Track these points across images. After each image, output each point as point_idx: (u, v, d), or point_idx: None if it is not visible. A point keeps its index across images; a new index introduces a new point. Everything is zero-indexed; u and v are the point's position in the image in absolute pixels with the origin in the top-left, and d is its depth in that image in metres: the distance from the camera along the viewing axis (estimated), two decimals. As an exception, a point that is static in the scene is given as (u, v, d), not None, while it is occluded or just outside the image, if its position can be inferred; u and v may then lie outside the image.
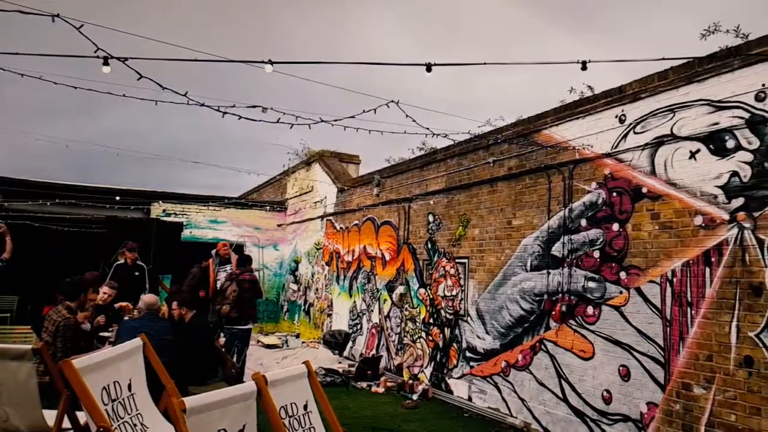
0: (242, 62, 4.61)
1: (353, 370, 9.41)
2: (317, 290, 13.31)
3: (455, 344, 8.10)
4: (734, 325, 4.66)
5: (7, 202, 11.68)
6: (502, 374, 7.16)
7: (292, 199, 15.28)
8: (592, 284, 6.02)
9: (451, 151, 8.59)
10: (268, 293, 14.56)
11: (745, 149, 4.70)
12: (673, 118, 5.32)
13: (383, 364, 9.72)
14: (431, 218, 8.97)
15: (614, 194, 5.88)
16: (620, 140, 5.85)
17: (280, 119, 5.29)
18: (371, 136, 6.06)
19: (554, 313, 6.44)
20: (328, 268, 12.84)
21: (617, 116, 5.91)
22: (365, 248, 11.11)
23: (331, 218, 12.88)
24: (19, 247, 8.10)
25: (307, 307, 13.82)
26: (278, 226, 15.29)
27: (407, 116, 5.28)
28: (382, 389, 8.52)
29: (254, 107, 5.19)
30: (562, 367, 6.31)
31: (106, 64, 4.27)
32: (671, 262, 5.24)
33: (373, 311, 10.59)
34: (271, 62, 4.47)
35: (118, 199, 12.78)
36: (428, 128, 5.61)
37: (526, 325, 6.86)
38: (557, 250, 6.48)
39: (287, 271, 15.08)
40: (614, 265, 5.79)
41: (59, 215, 12.26)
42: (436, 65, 4.42)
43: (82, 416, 3.50)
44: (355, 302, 11.36)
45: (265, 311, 14.51)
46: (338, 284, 12.21)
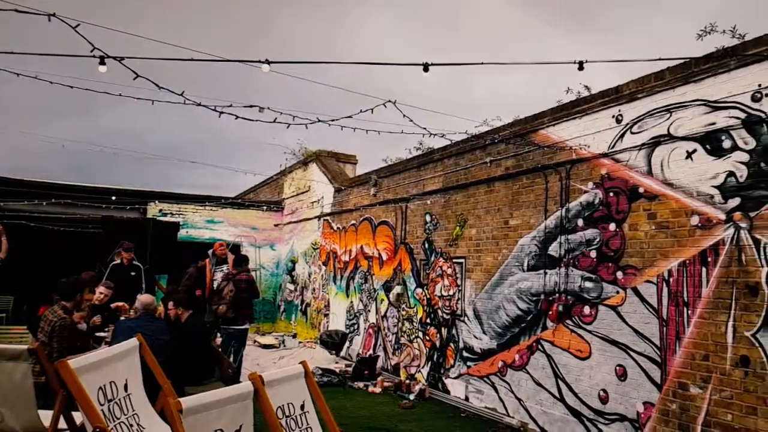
0: (239, 62, 4.60)
1: (350, 370, 9.41)
2: (314, 290, 13.30)
3: (452, 344, 8.10)
4: (730, 324, 4.67)
5: (3, 201, 11.64)
6: (499, 374, 7.17)
7: (289, 198, 15.27)
8: (588, 284, 6.03)
9: (448, 151, 8.60)
10: (264, 293, 14.55)
11: (741, 149, 4.71)
12: (669, 118, 5.33)
13: (380, 364, 9.72)
14: (428, 218, 8.97)
15: (611, 194, 5.89)
16: (617, 140, 5.86)
17: (276, 119, 5.27)
18: (368, 135, 6.06)
19: (551, 313, 6.44)
20: (325, 268, 12.83)
21: (614, 116, 5.92)
22: (362, 248, 11.10)
23: (328, 218, 12.87)
24: (15, 247, 8.08)
25: (304, 307, 13.81)
26: (275, 226, 15.28)
27: (404, 116, 5.26)
28: (379, 389, 8.52)
29: (251, 107, 5.18)
30: (558, 366, 6.32)
31: (102, 63, 4.26)
32: (668, 261, 5.25)
33: (370, 311, 10.59)
34: (268, 62, 4.46)
35: (114, 198, 12.76)
36: (425, 128, 5.60)
37: (523, 325, 6.87)
38: (554, 250, 6.49)
39: (284, 271, 15.07)
40: (611, 265, 5.80)
41: (55, 215, 12.23)
42: (433, 65, 4.42)
43: (78, 417, 3.50)
44: (352, 302, 11.36)
45: (261, 311, 14.49)
46: (335, 284, 12.20)
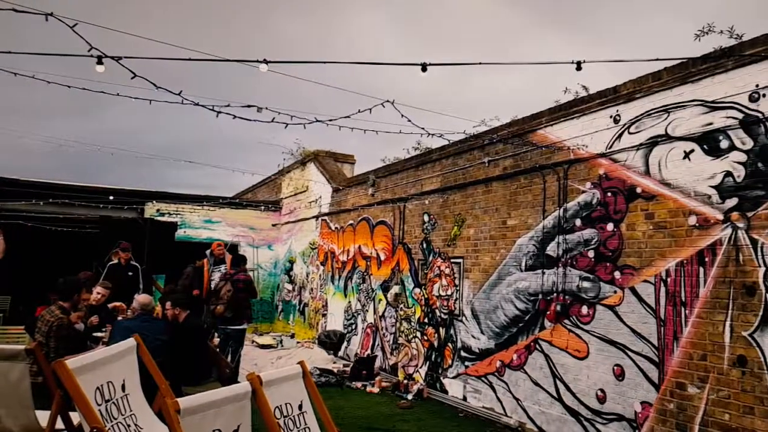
0: (237, 61, 4.59)
1: (348, 370, 9.40)
2: (312, 290, 13.29)
3: (450, 344, 8.11)
4: (728, 324, 4.68)
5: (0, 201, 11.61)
6: (497, 374, 7.17)
7: (286, 198, 15.26)
8: (586, 284, 6.03)
9: (446, 150, 8.60)
10: (262, 293, 14.53)
11: (738, 149, 4.72)
12: (667, 118, 5.34)
13: (378, 364, 9.72)
14: (426, 218, 8.97)
15: (609, 194, 5.90)
16: (615, 140, 5.87)
17: (274, 119, 5.27)
18: (366, 135, 6.06)
19: (549, 312, 6.45)
20: (323, 268, 12.82)
21: (612, 116, 5.93)
22: (360, 248, 11.10)
23: (326, 218, 12.87)
24: (11, 247, 8.06)
25: (301, 307, 13.80)
26: (273, 225, 15.27)
27: (402, 116, 5.26)
28: (377, 389, 8.52)
29: (249, 107, 5.17)
30: (556, 366, 6.32)
31: (99, 63, 4.25)
32: (665, 261, 5.25)
33: (368, 311, 10.59)
34: (266, 61, 4.45)
35: (111, 198, 12.72)
36: (423, 128, 5.60)
37: (520, 324, 6.87)
38: (552, 249, 6.50)
39: (282, 271, 15.06)
40: (609, 264, 5.81)
41: (52, 215, 12.19)
42: (431, 65, 4.42)
43: (75, 417, 3.49)
44: (350, 302, 11.35)
45: (259, 311, 14.47)
46: (333, 284, 12.19)
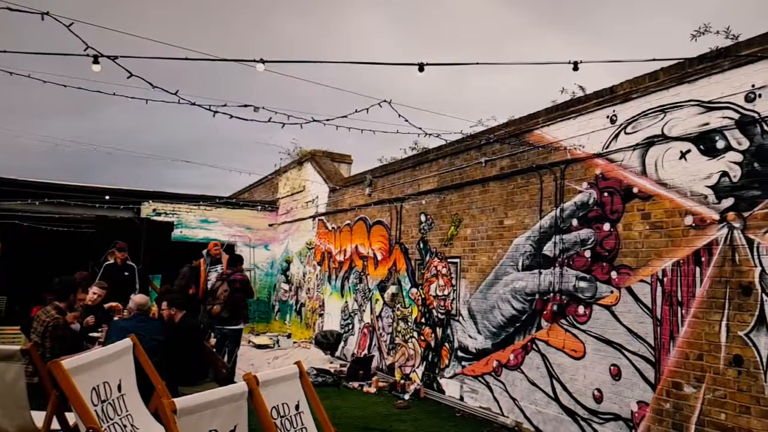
0: (234, 61, 4.58)
1: (345, 370, 9.39)
2: (309, 290, 13.28)
3: (447, 344, 8.11)
4: (724, 324, 4.69)
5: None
6: (493, 374, 7.17)
7: (283, 198, 15.24)
8: (583, 284, 6.04)
9: (443, 150, 8.60)
10: (259, 293, 14.51)
11: (734, 150, 4.73)
12: (663, 118, 5.35)
13: (375, 364, 9.71)
14: (423, 218, 8.97)
15: (605, 194, 5.90)
16: (611, 140, 5.88)
17: (271, 119, 5.26)
18: (363, 135, 6.04)
19: (546, 312, 6.45)
20: (319, 267, 12.81)
21: (608, 116, 5.94)
22: (357, 248, 11.09)
23: (322, 218, 12.86)
24: (7, 246, 8.03)
25: (298, 307, 13.78)
26: (269, 225, 15.25)
27: (399, 116, 5.26)
28: (373, 389, 8.51)
29: (246, 106, 5.16)
30: (553, 366, 6.33)
31: (96, 62, 4.24)
32: (662, 261, 5.26)
33: (364, 311, 10.58)
34: (263, 61, 4.44)
35: (108, 198, 12.68)
36: (420, 128, 5.60)
37: (517, 324, 6.88)
38: (549, 249, 6.50)
39: (278, 270, 15.04)
40: (605, 264, 5.82)
41: (48, 215, 12.16)
42: (428, 65, 4.41)
43: (71, 417, 3.48)
44: (346, 302, 11.34)
45: (256, 311, 14.45)
46: (330, 284, 12.19)
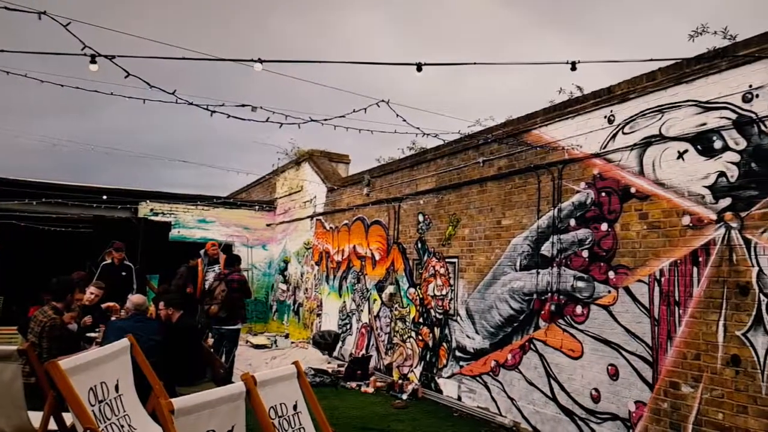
0: (231, 60, 4.58)
1: (343, 370, 9.39)
2: (306, 290, 13.27)
3: (445, 344, 8.11)
4: (721, 324, 4.70)
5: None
6: (491, 374, 7.18)
7: (281, 198, 15.23)
8: (580, 284, 6.05)
9: (441, 150, 8.60)
10: (257, 293, 14.50)
11: (732, 150, 4.74)
12: (661, 118, 5.36)
13: (373, 364, 9.71)
14: (421, 218, 8.97)
15: (603, 194, 5.91)
16: (609, 140, 5.88)
17: (269, 118, 5.25)
18: (361, 135, 6.05)
19: (543, 312, 6.46)
20: (317, 267, 12.81)
21: (606, 116, 5.94)
22: (355, 248, 11.09)
23: (320, 218, 12.85)
24: (4, 246, 8.01)
25: (296, 307, 13.77)
26: (267, 225, 15.24)
27: (397, 116, 5.26)
28: (371, 389, 8.51)
29: (243, 106, 5.16)
30: (551, 366, 6.33)
31: (93, 62, 4.23)
32: (659, 261, 5.27)
33: (362, 311, 10.58)
34: (260, 61, 4.44)
35: (105, 198, 12.66)
36: (418, 128, 5.60)
37: (515, 324, 6.88)
38: (546, 249, 6.51)
39: (276, 270, 15.03)
40: (603, 264, 5.82)
41: (46, 215, 12.12)
42: (426, 65, 4.41)
43: (68, 417, 3.47)
44: (344, 302, 11.34)
45: (254, 311, 14.45)
46: (328, 284, 12.18)
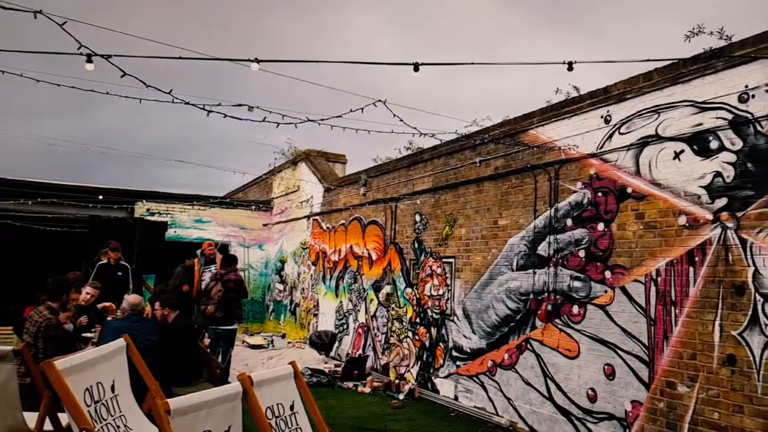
0: (228, 60, 4.57)
1: (340, 370, 9.39)
2: (303, 290, 13.26)
3: (442, 344, 8.11)
4: (717, 324, 4.71)
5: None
6: (488, 373, 7.18)
7: (278, 198, 15.21)
8: (577, 283, 6.06)
9: (437, 150, 8.60)
10: (253, 293, 14.48)
11: (728, 150, 4.76)
12: (657, 118, 5.37)
13: (370, 364, 9.71)
14: (418, 218, 8.98)
15: (599, 194, 5.92)
16: (605, 140, 5.89)
17: (266, 118, 5.24)
18: (358, 135, 6.05)
19: (540, 312, 6.47)
20: (314, 267, 12.80)
21: (603, 117, 5.95)
22: (352, 248, 11.08)
23: (317, 218, 12.84)
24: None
25: (293, 307, 13.76)
26: (264, 225, 15.21)
27: (394, 116, 5.25)
28: (368, 389, 8.51)
29: (240, 106, 5.15)
30: (547, 366, 6.34)
31: (89, 61, 4.21)
32: (655, 261, 5.28)
33: (359, 311, 10.57)
34: (257, 60, 4.43)
35: (101, 198, 12.62)
36: (415, 128, 5.60)
37: (512, 324, 6.89)
38: (543, 249, 6.51)
39: (273, 270, 15.01)
40: (599, 264, 5.83)
41: (41, 214, 12.07)
42: (423, 65, 4.41)
43: (64, 418, 3.46)
44: (341, 302, 11.33)
45: (250, 311, 14.42)
46: (324, 284, 12.17)
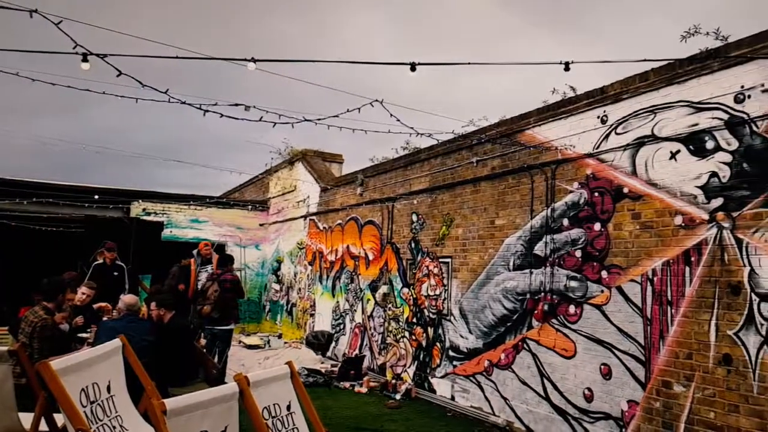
0: (225, 60, 4.56)
1: (336, 370, 9.38)
2: (300, 290, 13.25)
3: (438, 343, 8.11)
4: (713, 323, 4.72)
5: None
6: (485, 373, 7.19)
7: (274, 198, 15.19)
8: (574, 283, 6.06)
9: (434, 150, 8.60)
10: (249, 293, 14.45)
11: (724, 150, 4.77)
12: (654, 119, 5.38)
13: (366, 364, 9.70)
14: (415, 218, 8.97)
15: (596, 194, 5.93)
16: (602, 140, 5.90)
17: (262, 118, 5.23)
18: (355, 135, 6.01)
19: (536, 312, 6.47)
20: (311, 267, 12.78)
21: (599, 117, 5.96)
22: (348, 248, 11.08)
23: (314, 218, 12.83)
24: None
25: (289, 307, 13.74)
26: (260, 225, 15.19)
27: (391, 115, 5.25)
28: (365, 389, 8.50)
29: (236, 105, 5.13)
30: (544, 365, 6.35)
31: (85, 60, 4.20)
32: (652, 261, 5.29)
33: (356, 311, 10.57)
34: (254, 60, 4.42)
35: (97, 198, 12.58)
36: (412, 128, 5.59)
37: (508, 324, 6.89)
38: (540, 249, 6.52)
39: (269, 270, 14.99)
40: (596, 264, 5.84)
41: (37, 214, 12.04)
42: (420, 64, 4.41)
43: (59, 419, 3.44)
44: (338, 302, 11.32)
45: (247, 311, 14.38)
46: (321, 284, 12.16)
